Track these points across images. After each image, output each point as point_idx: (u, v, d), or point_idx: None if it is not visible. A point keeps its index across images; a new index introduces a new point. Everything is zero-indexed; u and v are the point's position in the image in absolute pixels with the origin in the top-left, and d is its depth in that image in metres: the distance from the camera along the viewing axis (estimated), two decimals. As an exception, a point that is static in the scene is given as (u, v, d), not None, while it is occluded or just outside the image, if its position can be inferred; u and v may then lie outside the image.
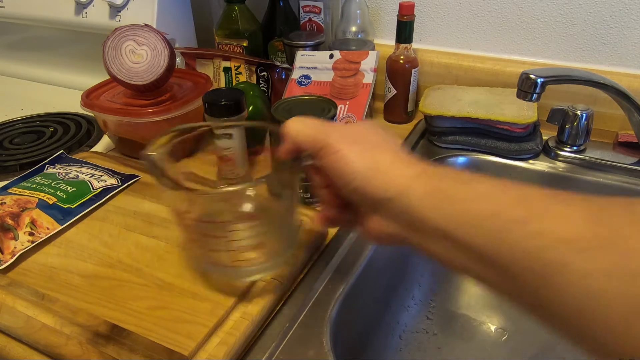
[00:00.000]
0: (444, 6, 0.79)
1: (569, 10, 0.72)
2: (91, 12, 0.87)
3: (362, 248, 0.53)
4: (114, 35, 0.65)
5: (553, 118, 0.68)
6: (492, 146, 0.69)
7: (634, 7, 0.68)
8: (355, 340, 0.55)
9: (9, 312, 0.44)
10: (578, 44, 0.73)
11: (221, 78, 0.79)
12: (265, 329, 0.44)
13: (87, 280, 0.47)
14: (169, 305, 0.44)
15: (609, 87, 0.60)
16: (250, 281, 0.45)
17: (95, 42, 0.88)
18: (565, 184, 0.67)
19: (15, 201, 0.54)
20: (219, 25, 0.81)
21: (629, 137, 0.68)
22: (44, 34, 1.00)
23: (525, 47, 0.77)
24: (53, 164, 0.65)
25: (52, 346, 0.41)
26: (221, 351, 0.39)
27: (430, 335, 0.65)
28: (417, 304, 0.69)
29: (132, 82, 0.65)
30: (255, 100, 0.67)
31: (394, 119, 0.81)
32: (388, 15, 0.84)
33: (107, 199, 0.58)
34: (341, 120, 0.65)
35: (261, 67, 0.77)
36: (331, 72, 0.68)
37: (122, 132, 0.69)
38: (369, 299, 0.57)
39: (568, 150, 0.68)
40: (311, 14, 0.81)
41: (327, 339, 0.43)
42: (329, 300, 0.47)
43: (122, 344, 0.40)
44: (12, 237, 0.50)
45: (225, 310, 0.43)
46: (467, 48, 0.81)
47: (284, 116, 0.55)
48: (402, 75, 0.76)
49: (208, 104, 0.58)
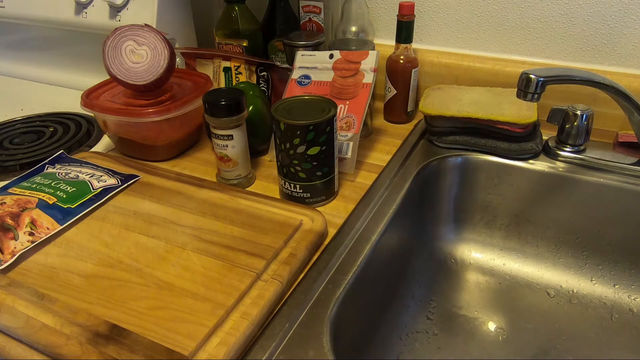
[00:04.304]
0: (444, 6, 0.79)
1: (569, 10, 0.72)
2: (91, 12, 0.87)
3: (362, 248, 0.53)
4: (114, 35, 0.65)
5: (553, 118, 0.68)
6: (492, 146, 0.69)
7: (634, 7, 0.68)
8: (355, 341, 0.55)
9: (9, 312, 0.44)
10: (578, 44, 0.73)
11: (221, 78, 0.79)
12: (265, 329, 0.44)
13: (87, 280, 0.47)
14: (169, 305, 0.44)
15: (609, 87, 0.60)
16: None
17: (95, 42, 0.88)
18: (565, 184, 0.67)
19: (15, 201, 0.54)
20: (219, 25, 0.81)
21: (629, 137, 0.68)
22: (44, 34, 1.00)
23: (525, 47, 0.77)
24: (53, 164, 0.65)
25: (52, 346, 0.41)
26: (221, 351, 0.39)
27: (430, 335, 0.65)
28: (417, 304, 0.69)
29: (132, 82, 0.65)
30: (255, 100, 0.67)
31: (394, 119, 0.81)
32: (388, 15, 0.84)
33: (107, 199, 0.58)
34: (341, 120, 0.65)
35: (261, 67, 0.77)
36: (331, 72, 0.68)
37: (122, 132, 0.69)
38: (369, 299, 0.57)
39: (568, 150, 0.68)
40: (311, 14, 0.81)
41: (327, 339, 0.43)
42: (329, 300, 0.47)
43: (122, 344, 0.40)
44: (12, 237, 0.50)
45: (225, 310, 0.43)
46: (467, 48, 0.81)
47: (284, 116, 0.55)
48: (402, 75, 0.76)
49: (208, 104, 0.58)
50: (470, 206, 0.74)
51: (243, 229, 0.53)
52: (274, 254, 0.49)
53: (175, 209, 0.57)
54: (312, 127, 0.54)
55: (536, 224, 0.72)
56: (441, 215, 0.75)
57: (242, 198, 0.58)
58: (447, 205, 0.75)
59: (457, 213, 0.75)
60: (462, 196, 0.74)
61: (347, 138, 0.65)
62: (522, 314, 0.68)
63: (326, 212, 0.59)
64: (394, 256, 0.63)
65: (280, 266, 0.48)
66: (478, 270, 0.74)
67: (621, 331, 0.65)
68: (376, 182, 0.64)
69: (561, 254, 0.71)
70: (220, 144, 0.61)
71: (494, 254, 0.75)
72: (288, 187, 0.59)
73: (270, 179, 0.66)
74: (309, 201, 0.59)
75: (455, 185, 0.73)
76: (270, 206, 0.56)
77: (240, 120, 0.60)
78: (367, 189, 0.63)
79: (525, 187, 0.70)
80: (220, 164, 0.63)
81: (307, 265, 0.51)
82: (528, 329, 0.66)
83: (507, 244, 0.74)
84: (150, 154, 0.70)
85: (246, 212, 0.56)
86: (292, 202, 0.58)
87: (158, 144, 0.69)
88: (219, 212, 0.56)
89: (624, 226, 0.66)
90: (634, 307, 0.67)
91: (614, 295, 0.68)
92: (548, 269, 0.72)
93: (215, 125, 0.59)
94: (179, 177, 0.63)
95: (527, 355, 0.63)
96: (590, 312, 0.67)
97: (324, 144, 0.55)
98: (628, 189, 0.64)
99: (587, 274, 0.70)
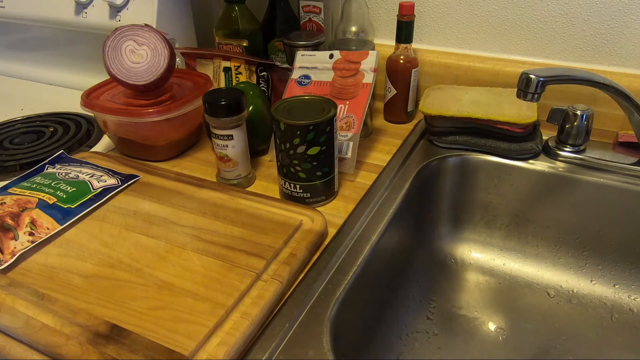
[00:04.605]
0: (444, 6, 0.79)
1: (569, 10, 0.72)
2: (91, 12, 0.87)
3: (362, 248, 0.53)
4: (114, 35, 0.65)
5: (553, 118, 0.68)
6: (492, 146, 0.69)
7: (634, 7, 0.68)
8: (355, 340, 0.55)
9: (9, 312, 0.44)
10: (578, 44, 0.73)
11: (221, 78, 0.79)
12: (265, 329, 0.44)
13: (87, 280, 0.47)
14: (169, 305, 0.44)
15: (609, 87, 0.60)
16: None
17: (95, 42, 0.88)
18: (565, 184, 0.67)
19: (15, 201, 0.54)
20: (218, 25, 0.81)
21: (629, 137, 0.68)
22: (44, 34, 1.00)
23: (525, 47, 0.77)
24: (53, 164, 0.65)
25: (52, 346, 0.41)
26: (221, 351, 0.39)
27: (430, 335, 0.65)
28: (417, 304, 0.69)
29: (132, 82, 0.65)
30: (255, 100, 0.67)
31: (394, 119, 0.81)
32: (388, 15, 0.84)
33: (107, 199, 0.58)
34: (341, 120, 0.65)
35: (261, 67, 0.77)
36: (331, 72, 0.68)
37: (122, 132, 0.69)
38: (369, 299, 0.57)
39: (568, 150, 0.68)
40: (311, 14, 0.81)
41: (327, 339, 0.43)
42: (329, 300, 0.47)
43: (122, 344, 0.40)
44: (12, 237, 0.50)
45: (225, 310, 0.43)
46: (467, 48, 0.81)
47: (284, 116, 0.55)
48: (402, 75, 0.76)
49: (208, 104, 0.58)
50: (470, 206, 0.74)
51: (243, 229, 0.53)
52: (274, 254, 0.49)
53: (175, 209, 0.57)
54: (312, 127, 0.54)
55: (536, 224, 0.72)
56: (441, 215, 0.75)
57: (242, 198, 0.58)
58: (447, 205, 0.75)
59: (457, 213, 0.75)
60: (462, 196, 0.74)
61: (347, 138, 0.65)
62: (522, 314, 0.68)
63: (326, 212, 0.59)
64: (394, 256, 0.63)
65: (280, 266, 0.48)
66: (478, 270, 0.74)
67: (621, 331, 0.65)
68: (376, 182, 0.64)
69: (561, 254, 0.71)
70: (220, 144, 0.61)
71: (494, 254, 0.75)
72: (288, 187, 0.59)
73: (270, 179, 0.66)
74: (309, 201, 0.59)
75: (455, 185, 0.73)
76: (270, 206, 0.56)
77: (240, 120, 0.60)
78: (367, 189, 0.63)
79: (525, 187, 0.70)
80: (220, 164, 0.63)
81: (307, 265, 0.51)
82: (528, 329, 0.66)
83: (507, 244, 0.74)
84: (150, 154, 0.70)
85: (246, 212, 0.56)
86: (292, 202, 0.58)
87: (158, 144, 0.69)
88: (219, 212, 0.56)
89: (624, 226, 0.66)
90: (634, 307, 0.67)
91: (614, 295, 0.68)
92: (548, 269, 0.72)
93: (215, 125, 0.59)
94: (179, 177, 0.63)
95: (527, 355, 0.63)
96: (590, 312, 0.67)
97: (324, 144, 0.55)
98: (628, 189, 0.64)
99: (587, 274, 0.70)
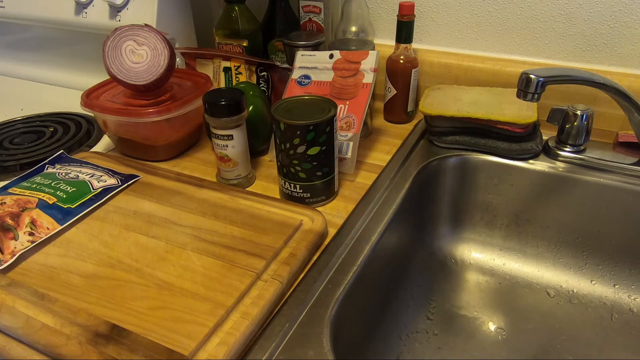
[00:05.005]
0: (444, 6, 0.79)
1: (569, 10, 0.72)
2: (91, 12, 0.87)
3: (362, 248, 0.53)
4: (114, 35, 0.65)
5: (553, 118, 0.68)
6: (492, 146, 0.69)
7: (634, 7, 0.68)
8: (355, 340, 0.55)
9: (9, 312, 0.44)
10: (578, 44, 0.73)
11: (221, 78, 0.79)
12: (265, 329, 0.44)
13: (87, 280, 0.47)
14: (169, 305, 0.44)
15: (609, 87, 0.60)
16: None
17: (95, 42, 0.88)
18: (565, 184, 0.67)
19: (15, 201, 0.54)
20: (218, 25, 0.81)
21: (629, 137, 0.68)
22: (44, 34, 1.00)
23: (525, 47, 0.77)
24: (53, 164, 0.65)
25: (52, 346, 0.41)
26: (221, 351, 0.39)
27: (430, 335, 0.65)
28: (417, 304, 0.69)
29: (132, 82, 0.65)
30: (255, 100, 0.67)
31: (394, 119, 0.81)
32: (388, 15, 0.84)
33: (107, 199, 0.58)
34: (341, 120, 0.65)
35: (261, 67, 0.77)
36: (331, 72, 0.68)
37: (122, 132, 0.69)
38: (369, 299, 0.57)
39: (568, 150, 0.68)
40: (311, 14, 0.81)
41: (327, 339, 0.43)
42: (329, 300, 0.47)
43: (122, 344, 0.40)
44: (12, 237, 0.50)
45: (225, 310, 0.43)
46: (467, 48, 0.81)
47: (284, 116, 0.55)
48: (402, 75, 0.76)
49: (208, 104, 0.58)
50: (470, 206, 0.74)
51: (243, 229, 0.53)
52: (274, 254, 0.49)
53: (175, 209, 0.57)
54: (312, 127, 0.54)
55: (536, 224, 0.72)
56: (441, 215, 0.75)
57: (242, 198, 0.58)
58: (447, 205, 0.75)
59: (457, 213, 0.75)
60: (462, 196, 0.74)
61: (347, 138, 0.65)
62: (522, 314, 0.68)
63: (326, 212, 0.59)
64: (394, 256, 0.63)
65: (280, 266, 0.48)
66: (478, 270, 0.74)
67: (621, 331, 0.65)
68: (376, 182, 0.64)
69: (561, 254, 0.71)
70: (220, 144, 0.61)
71: (494, 254, 0.75)
72: (288, 187, 0.59)
73: (270, 179, 0.66)
74: (309, 201, 0.59)
75: (455, 185, 0.73)
76: (270, 206, 0.56)
77: (240, 120, 0.60)
78: (367, 189, 0.63)
79: (525, 187, 0.70)
80: (220, 164, 0.63)
81: (307, 265, 0.51)
82: (528, 329, 0.66)
83: (507, 244, 0.74)
84: (150, 154, 0.70)
85: (246, 212, 0.56)
86: (292, 202, 0.58)
87: (158, 144, 0.69)
88: (219, 212, 0.56)
89: (624, 226, 0.66)
90: (634, 307, 0.67)
91: (614, 295, 0.68)
92: (548, 269, 0.72)
93: (215, 125, 0.59)
94: (179, 177, 0.63)
95: (527, 355, 0.63)
96: (590, 312, 0.67)
97: (324, 144, 0.55)
98: (628, 189, 0.64)
99: (587, 274, 0.70)
